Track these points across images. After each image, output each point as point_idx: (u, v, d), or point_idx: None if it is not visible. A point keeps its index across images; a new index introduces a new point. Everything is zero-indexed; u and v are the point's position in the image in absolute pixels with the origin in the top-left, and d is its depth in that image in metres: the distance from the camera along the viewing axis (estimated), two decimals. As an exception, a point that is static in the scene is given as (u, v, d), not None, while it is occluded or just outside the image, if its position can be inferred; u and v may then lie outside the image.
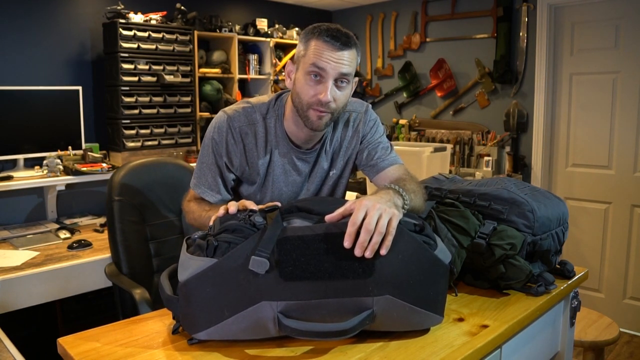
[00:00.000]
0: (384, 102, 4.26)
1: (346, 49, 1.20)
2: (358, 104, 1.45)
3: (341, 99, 1.25)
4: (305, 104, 1.23)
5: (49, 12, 2.88)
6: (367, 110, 1.45)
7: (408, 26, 4.03)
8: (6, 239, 2.49)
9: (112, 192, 1.81)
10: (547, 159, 3.43)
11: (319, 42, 1.20)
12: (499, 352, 1.08)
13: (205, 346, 0.94)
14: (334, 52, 1.19)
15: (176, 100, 3.13)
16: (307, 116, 1.24)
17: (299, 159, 1.37)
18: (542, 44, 3.31)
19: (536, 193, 1.31)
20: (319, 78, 1.21)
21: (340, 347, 0.94)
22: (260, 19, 3.77)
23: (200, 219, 1.30)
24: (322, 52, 1.19)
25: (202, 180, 1.36)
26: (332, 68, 1.20)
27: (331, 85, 1.21)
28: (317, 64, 1.19)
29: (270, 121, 1.34)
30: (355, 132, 1.42)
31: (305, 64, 1.22)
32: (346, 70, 1.21)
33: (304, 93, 1.23)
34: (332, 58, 1.19)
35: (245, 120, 1.33)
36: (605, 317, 2.27)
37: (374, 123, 1.45)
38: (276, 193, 1.38)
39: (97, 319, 1.35)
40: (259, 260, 0.85)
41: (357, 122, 1.42)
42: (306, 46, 1.23)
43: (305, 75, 1.22)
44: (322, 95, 1.20)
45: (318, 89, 1.21)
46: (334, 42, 1.19)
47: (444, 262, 0.98)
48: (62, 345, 0.95)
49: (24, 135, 2.67)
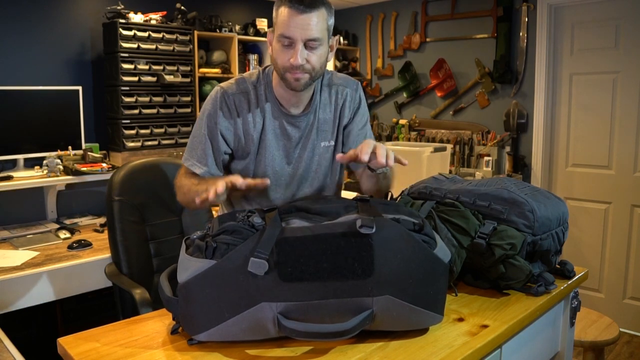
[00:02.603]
0: (384, 102, 4.26)
1: (312, 11, 1.22)
2: (351, 82, 1.50)
3: (315, 59, 1.27)
4: (281, 69, 1.28)
5: (49, 12, 2.88)
6: (357, 89, 1.50)
7: (408, 26, 4.03)
8: (6, 239, 2.49)
9: (112, 192, 1.82)
10: (547, 159, 3.43)
11: (285, 8, 1.23)
12: (499, 352, 1.08)
13: (205, 346, 0.93)
14: (298, 17, 1.22)
15: (176, 100, 3.13)
16: (286, 78, 1.29)
17: (289, 124, 1.39)
18: (542, 44, 3.31)
19: (536, 193, 1.31)
20: (288, 44, 1.24)
21: (340, 347, 0.94)
22: (260, 19, 3.77)
23: (189, 193, 1.32)
24: (288, 19, 1.22)
25: (192, 153, 1.39)
26: (300, 34, 1.22)
27: (301, 48, 1.24)
28: (284, 34, 1.23)
29: (260, 88, 1.38)
30: (343, 107, 1.47)
31: (277, 32, 1.26)
32: (314, 35, 1.24)
33: (279, 58, 1.27)
34: (298, 24, 1.22)
35: (237, 89, 1.38)
36: (605, 317, 2.27)
37: (362, 104, 1.51)
38: (269, 159, 1.39)
39: (97, 319, 1.35)
40: (258, 262, 0.85)
41: (348, 98, 1.47)
42: (277, 13, 1.26)
43: (277, 42, 1.27)
44: (293, 59, 1.24)
45: (289, 53, 1.25)
46: (297, 7, 1.21)
47: (444, 260, 0.98)
48: (62, 345, 0.95)
49: (24, 135, 2.67)
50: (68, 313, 2.65)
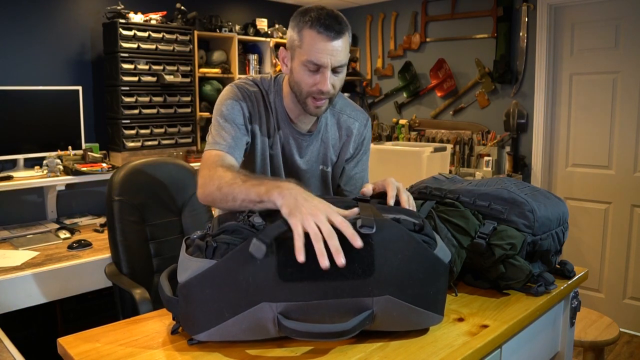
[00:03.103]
0: (384, 102, 4.26)
1: (340, 38, 1.21)
2: (361, 116, 1.48)
3: (338, 83, 1.27)
4: (304, 93, 1.25)
5: (49, 12, 2.88)
6: (367, 124, 1.49)
7: (408, 26, 4.03)
8: (6, 239, 2.49)
9: (112, 192, 1.81)
10: (547, 159, 3.43)
11: (313, 34, 1.19)
12: (499, 352, 1.07)
13: (205, 346, 0.93)
14: (328, 43, 1.19)
15: (176, 100, 3.13)
16: (306, 103, 1.27)
17: (294, 140, 1.38)
18: (542, 44, 3.31)
19: (536, 193, 1.31)
20: (314, 69, 1.22)
21: (340, 348, 0.94)
22: (260, 19, 3.77)
23: (230, 186, 1.06)
24: (316, 45, 1.19)
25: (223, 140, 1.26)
26: (330, 61, 1.21)
27: (329, 74, 1.22)
28: (314, 61, 1.20)
29: (271, 96, 1.36)
30: (349, 140, 1.45)
31: (301, 56, 1.22)
32: (342, 61, 1.23)
33: (303, 83, 1.24)
34: (326, 51, 1.20)
35: (254, 86, 1.36)
36: (605, 317, 2.27)
37: (368, 140, 1.50)
38: (271, 166, 1.39)
39: (97, 319, 1.35)
40: (258, 244, 0.84)
41: (357, 132, 1.46)
42: (300, 36, 1.22)
43: (302, 66, 1.23)
44: (323, 86, 1.22)
45: (317, 78, 1.23)
46: (327, 33, 1.19)
47: (444, 261, 0.98)
48: (62, 345, 0.94)
49: (24, 135, 2.67)
50: (68, 313, 2.65)
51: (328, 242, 0.85)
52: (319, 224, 0.86)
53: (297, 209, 0.89)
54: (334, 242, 0.85)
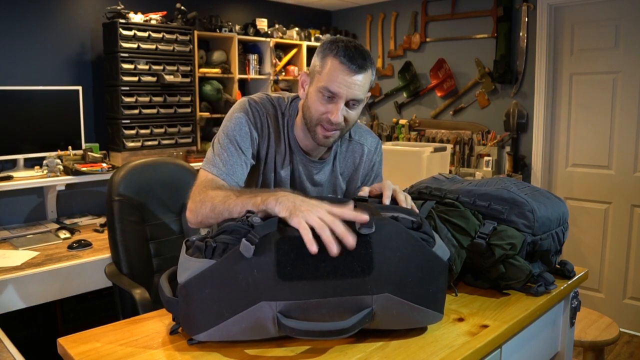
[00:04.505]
0: (384, 102, 4.26)
1: (361, 73, 1.19)
2: (371, 139, 1.47)
3: (351, 117, 1.26)
4: (315, 119, 1.24)
5: (49, 12, 2.88)
6: (377, 150, 1.48)
7: (408, 26, 4.03)
8: (6, 239, 2.49)
9: (112, 192, 1.82)
10: (547, 159, 3.43)
11: (335, 63, 1.18)
12: (499, 352, 1.07)
13: (205, 346, 0.93)
14: (348, 76, 1.18)
15: (176, 100, 3.13)
16: (315, 131, 1.25)
17: (304, 167, 1.36)
18: (542, 44, 3.31)
19: (536, 193, 1.31)
20: (329, 97, 1.21)
21: (340, 347, 0.93)
22: (260, 19, 3.77)
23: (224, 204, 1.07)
24: (336, 75, 1.18)
25: (222, 163, 1.24)
26: (345, 93, 1.19)
27: (342, 106, 1.21)
28: (330, 88, 1.19)
29: (284, 120, 1.34)
30: (360, 166, 1.44)
31: (319, 82, 1.21)
32: (358, 96, 1.21)
33: (314, 108, 1.23)
34: (345, 82, 1.18)
35: (270, 105, 1.33)
36: (605, 317, 2.27)
37: (379, 165, 1.49)
38: None
39: (97, 319, 1.35)
40: (246, 244, 0.85)
41: (367, 158, 1.45)
42: (322, 63, 1.21)
43: (317, 92, 1.22)
44: (333, 116, 1.21)
45: (329, 107, 1.21)
46: (349, 65, 1.18)
47: (443, 258, 0.98)
48: (62, 345, 0.94)
49: (24, 135, 2.67)
50: (68, 313, 2.65)
51: (334, 229, 0.86)
52: (320, 216, 0.88)
53: (296, 210, 0.90)
54: (339, 228, 0.87)
